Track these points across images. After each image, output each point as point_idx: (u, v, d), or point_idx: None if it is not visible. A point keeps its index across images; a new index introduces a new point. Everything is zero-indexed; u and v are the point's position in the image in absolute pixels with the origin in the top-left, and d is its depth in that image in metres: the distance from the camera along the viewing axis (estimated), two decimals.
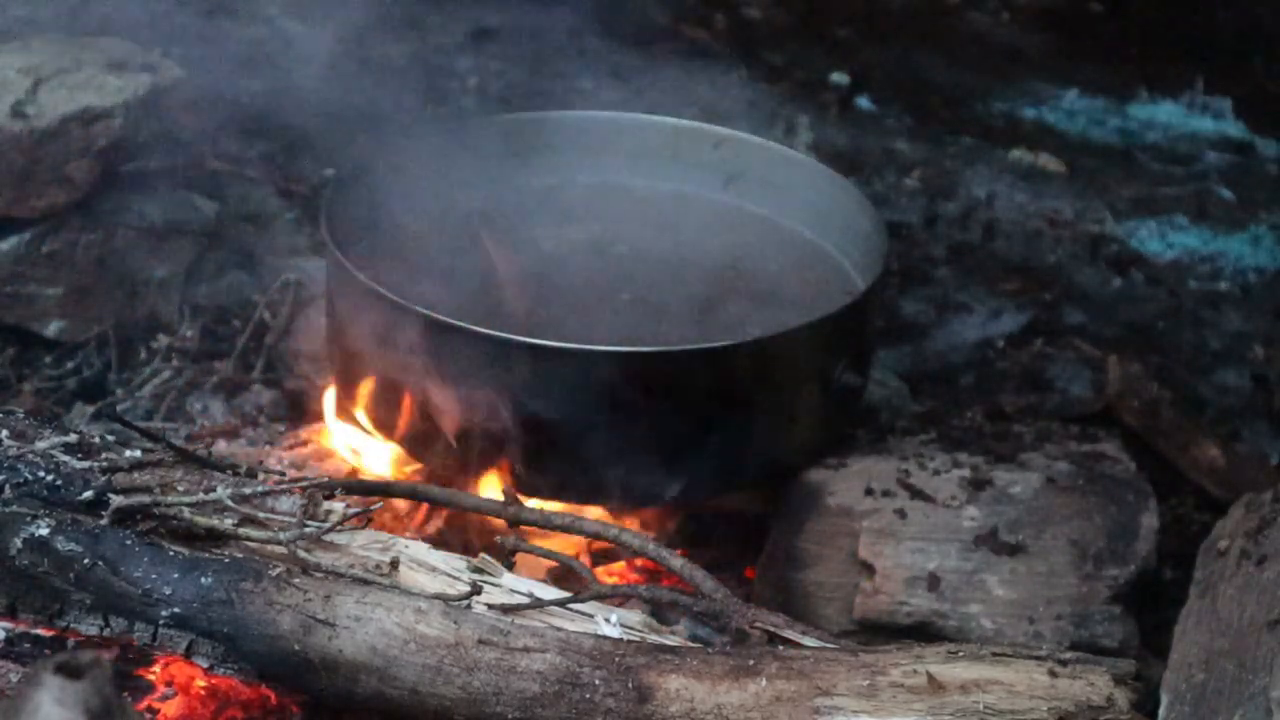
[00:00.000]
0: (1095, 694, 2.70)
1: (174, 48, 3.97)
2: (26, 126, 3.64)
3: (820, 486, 3.34)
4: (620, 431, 3.22)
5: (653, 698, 2.68)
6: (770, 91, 4.69)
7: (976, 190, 4.55)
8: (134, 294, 3.85)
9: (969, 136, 4.74)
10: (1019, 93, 4.91)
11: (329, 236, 3.37)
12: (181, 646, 2.75)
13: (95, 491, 2.83)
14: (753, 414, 3.27)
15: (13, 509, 2.80)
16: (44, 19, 3.99)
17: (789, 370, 3.29)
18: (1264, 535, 3.07)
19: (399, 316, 3.22)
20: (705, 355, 3.25)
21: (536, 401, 3.19)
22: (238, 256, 3.98)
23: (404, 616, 2.72)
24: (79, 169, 3.70)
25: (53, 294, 3.77)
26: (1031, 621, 3.20)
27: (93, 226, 3.78)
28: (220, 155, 4.08)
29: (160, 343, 3.84)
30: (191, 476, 2.92)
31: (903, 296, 4.17)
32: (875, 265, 3.44)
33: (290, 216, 4.14)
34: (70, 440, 2.92)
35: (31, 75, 3.72)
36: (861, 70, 4.93)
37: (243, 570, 2.76)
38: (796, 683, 2.69)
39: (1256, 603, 2.93)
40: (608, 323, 3.39)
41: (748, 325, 3.39)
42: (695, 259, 3.60)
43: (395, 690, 2.71)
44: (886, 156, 4.64)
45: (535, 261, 3.52)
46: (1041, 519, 3.27)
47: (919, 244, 4.37)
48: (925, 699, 2.68)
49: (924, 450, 3.41)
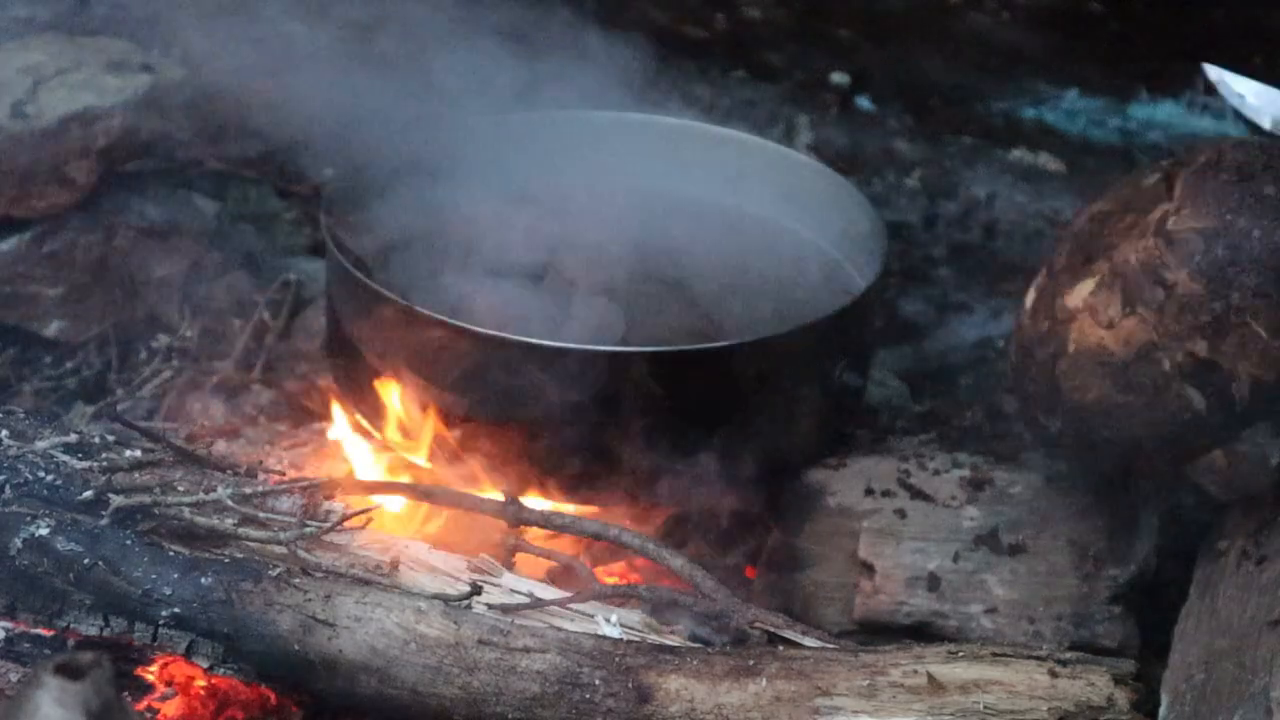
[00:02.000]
0: (1095, 694, 2.70)
1: (174, 48, 3.97)
2: (26, 126, 3.64)
3: (820, 486, 3.34)
4: (620, 431, 3.22)
5: (653, 698, 2.68)
6: (770, 91, 4.69)
7: (976, 190, 4.55)
8: (134, 294, 3.85)
9: (969, 136, 4.74)
10: (1019, 93, 4.91)
11: (329, 236, 3.37)
12: (181, 646, 2.75)
13: (95, 491, 2.83)
14: (753, 414, 3.27)
15: (13, 509, 2.80)
16: (44, 19, 3.99)
17: (789, 370, 3.29)
18: (1264, 535, 3.07)
19: (399, 316, 3.22)
20: (705, 355, 3.25)
21: (536, 401, 3.19)
22: (238, 256, 3.98)
23: (404, 616, 2.72)
24: (79, 169, 3.70)
25: (53, 294, 3.77)
26: (1031, 621, 3.20)
27: (93, 226, 3.78)
28: (220, 155, 4.07)
29: (160, 343, 3.84)
30: (191, 476, 2.92)
31: (903, 296, 4.17)
32: (875, 265, 3.44)
33: (290, 216, 4.14)
34: (70, 440, 2.92)
35: (31, 75, 3.72)
36: (861, 70, 4.93)
37: (242, 570, 2.76)
38: (796, 683, 2.69)
39: (1256, 603, 2.93)
40: (607, 323, 3.39)
41: (748, 325, 3.39)
42: (695, 259, 3.59)
43: (395, 690, 2.71)
44: (886, 156, 4.64)
45: (535, 262, 3.52)
46: (1041, 519, 3.27)
47: (919, 244, 4.37)
48: (925, 699, 2.68)
49: (924, 450, 3.41)
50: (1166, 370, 2.96)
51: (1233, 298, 2.92)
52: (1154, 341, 2.96)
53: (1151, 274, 2.97)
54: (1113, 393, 3.00)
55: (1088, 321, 3.03)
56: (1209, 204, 2.97)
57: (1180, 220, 2.98)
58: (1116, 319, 2.99)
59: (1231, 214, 2.95)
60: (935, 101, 4.87)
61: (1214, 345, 2.93)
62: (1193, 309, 2.94)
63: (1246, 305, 2.91)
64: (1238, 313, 2.91)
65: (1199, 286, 2.93)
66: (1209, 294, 2.93)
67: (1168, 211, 3.01)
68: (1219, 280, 2.93)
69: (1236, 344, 2.92)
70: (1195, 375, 2.95)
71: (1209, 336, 2.93)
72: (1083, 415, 3.05)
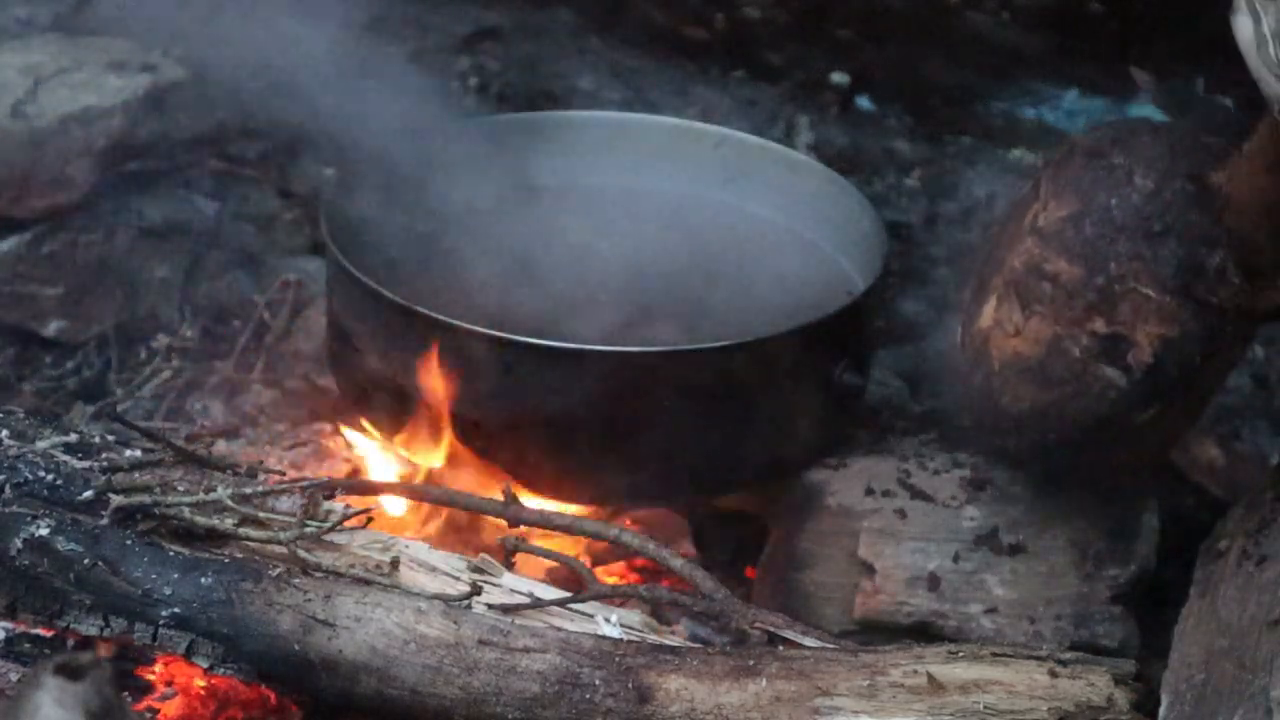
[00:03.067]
0: (1095, 694, 2.70)
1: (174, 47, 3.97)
2: (26, 126, 3.64)
3: (820, 486, 3.33)
4: (620, 431, 3.22)
5: (653, 698, 2.68)
6: (770, 91, 4.69)
7: (976, 190, 4.54)
8: (134, 294, 3.85)
9: (969, 136, 4.74)
10: (1019, 93, 4.91)
11: (329, 236, 3.37)
12: (181, 647, 2.75)
13: (95, 491, 2.83)
14: (753, 414, 3.27)
15: (13, 509, 2.80)
16: (44, 19, 3.99)
17: (789, 370, 3.29)
18: (1264, 535, 3.07)
19: (399, 317, 3.22)
20: (705, 355, 3.25)
21: (536, 401, 3.19)
22: (238, 256, 3.97)
23: (404, 616, 2.72)
24: (79, 169, 3.70)
25: (53, 294, 3.77)
26: (1031, 621, 3.20)
27: (93, 226, 3.78)
28: (220, 155, 4.07)
29: (160, 343, 3.83)
30: (191, 476, 2.92)
31: (903, 296, 4.17)
32: (875, 265, 3.44)
33: (290, 216, 4.14)
34: (70, 440, 2.92)
35: (31, 75, 3.72)
36: (861, 70, 4.92)
37: (243, 570, 2.76)
38: (796, 683, 2.69)
39: (1256, 603, 2.93)
40: (608, 323, 3.39)
41: (748, 325, 3.39)
42: (695, 259, 3.59)
43: (395, 690, 2.71)
44: (886, 156, 4.64)
45: (535, 262, 3.52)
46: (1041, 519, 3.27)
47: (919, 244, 4.36)
48: (925, 699, 2.68)
49: (924, 450, 3.41)
50: (1078, 356, 3.00)
51: (1111, 269, 2.96)
52: (1057, 333, 3.01)
53: (1035, 272, 3.01)
54: (1039, 394, 3.04)
55: (999, 335, 3.08)
56: (1068, 191, 3.03)
57: (1048, 214, 3.04)
58: (1021, 324, 3.03)
59: (1088, 192, 3.01)
60: (935, 101, 4.87)
61: (1110, 318, 2.97)
62: (1080, 291, 2.98)
63: (1126, 271, 2.95)
64: (1120, 280, 2.95)
65: (1079, 269, 2.98)
66: (1089, 271, 2.97)
67: (1037, 210, 3.07)
68: (1094, 257, 2.97)
69: (1130, 310, 2.96)
70: (1105, 353, 2.99)
71: (1104, 312, 2.97)
72: (1026, 425, 3.09)
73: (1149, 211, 2.96)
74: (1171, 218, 2.94)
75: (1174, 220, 2.94)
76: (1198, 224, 2.94)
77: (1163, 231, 2.94)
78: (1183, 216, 2.95)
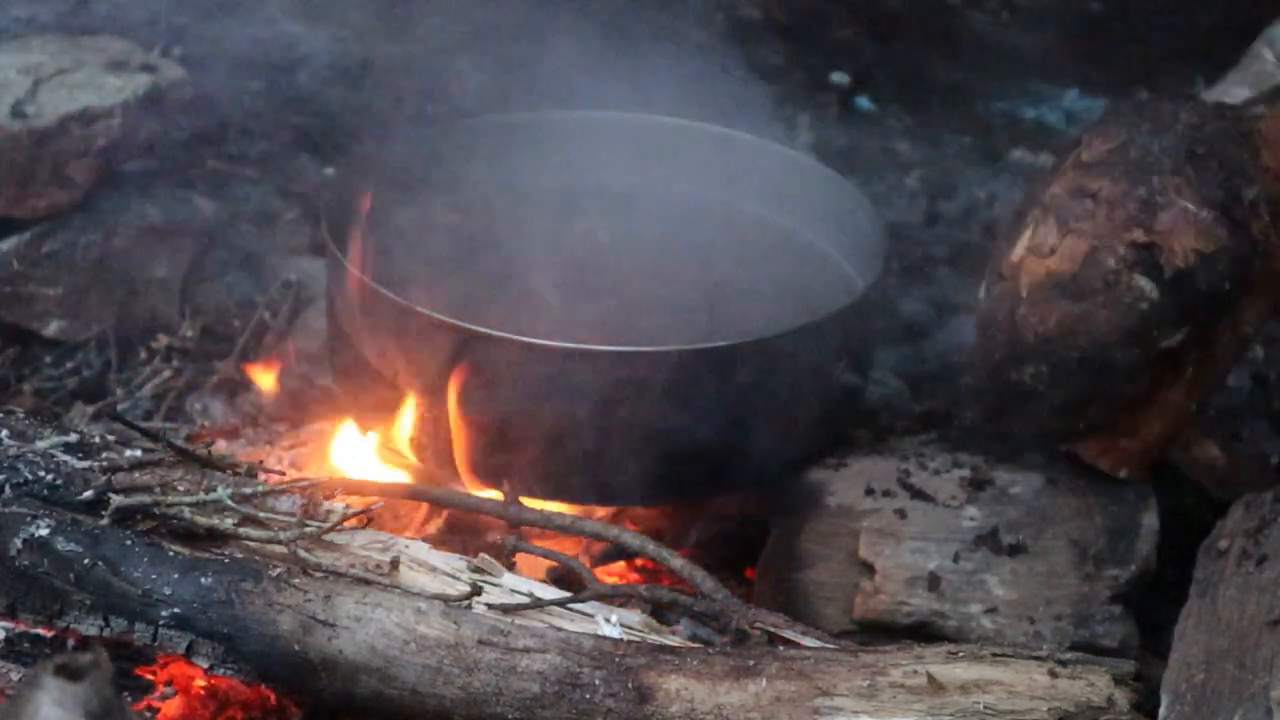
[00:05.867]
0: (1095, 694, 2.70)
1: (174, 47, 3.97)
2: (26, 126, 3.64)
3: (820, 486, 3.34)
4: (620, 431, 3.22)
5: (653, 698, 2.68)
6: (770, 91, 4.69)
7: (976, 190, 4.55)
8: (134, 294, 3.85)
9: (969, 136, 4.74)
10: (1019, 93, 4.91)
11: (329, 236, 3.37)
12: (181, 647, 2.75)
13: (95, 491, 2.83)
14: (753, 414, 3.27)
15: (13, 509, 2.80)
16: (44, 19, 3.99)
17: (789, 370, 3.29)
18: (1264, 535, 3.07)
19: (399, 317, 3.22)
20: (705, 355, 3.25)
21: (536, 401, 3.19)
22: (238, 256, 3.98)
23: (404, 617, 2.72)
24: (79, 169, 3.70)
25: (53, 294, 3.78)
26: (1031, 621, 3.20)
27: (93, 226, 3.78)
28: (220, 155, 4.08)
29: (160, 343, 3.84)
30: (191, 476, 2.92)
31: (903, 296, 4.17)
32: (875, 265, 3.44)
33: (290, 216, 4.14)
34: (70, 440, 2.92)
35: (31, 75, 3.72)
36: (861, 70, 4.93)
37: (243, 570, 2.76)
38: (796, 683, 2.69)
39: (1256, 603, 2.93)
40: (607, 322, 3.39)
41: (748, 325, 3.39)
42: (695, 259, 3.59)
43: (395, 691, 2.71)
44: (886, 156, 4.64)
45: (535, 262, 3.52)
46: (1041, 519, 3.27)
47: (919, 244, 4.36)
48: (925, 699, 2.68)
49: (924, 450, 3.41)
50: (1113, 266, 3.09)
51: (1154, 182, 3.09)
52: (1095, 245, 3.10)
53: (1077, 192, 3.13)
54: (1071, 307, 3.12)
55: (1032, 261, 3.16)
56: (1113, 131, 3.18)
57: (1092, 150, 3.17)
58: (1056, 243, 3.13)
59: (1134, 127, 3.16)
60: (935, 101, 4.87)
61: (1149, 228, 3.08)
62: (1122, 204, 3.09)
63: (1169, 184, 3.08)
64: (1162, 193, 3.08)
65: (1123, 185, 3.10)
66: (1132, 185, 3.10)
67: (1080, 149, 3.19)
68: (1138, 174, 3.11)
69: (1169, 221, 3.07)
70: (1140, 262, 3.08)
71: (1142, 223, 3.08)
72: (1050, 346, 3.15)
73: (1193, 137, 3.11)
74: (1214, 145, 3.10)
75: (1217, 147, 3.09)
76: (1236, 157, 3.09)
77: (1206, 155, 3.08)
78: (1224, 147, 3.10)
